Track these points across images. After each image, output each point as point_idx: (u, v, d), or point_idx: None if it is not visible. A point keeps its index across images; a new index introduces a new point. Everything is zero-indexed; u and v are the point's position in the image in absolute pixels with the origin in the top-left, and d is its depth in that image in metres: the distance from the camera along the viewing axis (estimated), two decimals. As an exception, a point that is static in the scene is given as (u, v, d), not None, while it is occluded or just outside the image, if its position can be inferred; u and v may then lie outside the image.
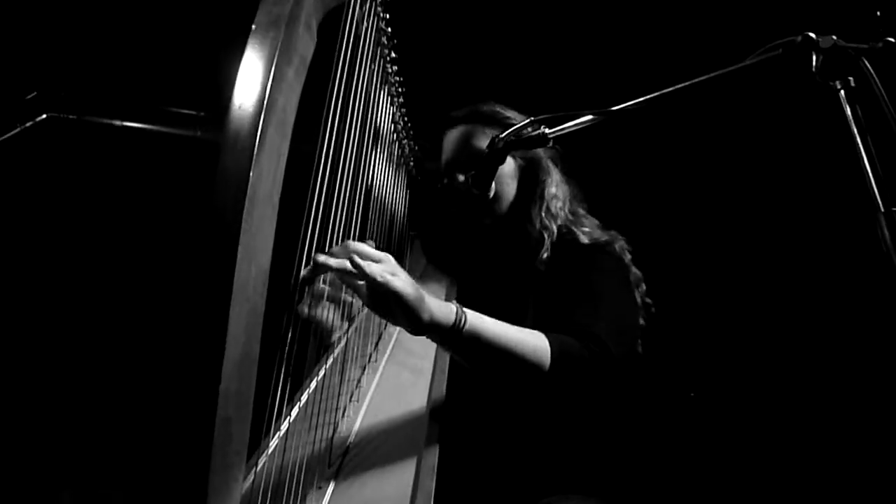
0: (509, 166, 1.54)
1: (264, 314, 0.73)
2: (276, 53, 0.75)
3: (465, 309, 1.05)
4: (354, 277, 0.94)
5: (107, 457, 2.45)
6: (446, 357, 1.24)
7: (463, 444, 1.23)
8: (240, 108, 0.72)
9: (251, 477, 0.93)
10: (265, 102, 0.72)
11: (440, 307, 1.01)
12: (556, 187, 1.56)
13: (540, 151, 1.57)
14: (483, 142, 1.50)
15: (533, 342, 1.11)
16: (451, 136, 1.61)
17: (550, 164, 1.59)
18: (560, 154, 1.62)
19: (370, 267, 0.91)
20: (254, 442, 0.80)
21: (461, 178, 1.53)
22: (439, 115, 1.72)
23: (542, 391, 1.18)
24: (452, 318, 1.01)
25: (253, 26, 0.77)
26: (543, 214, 1.51)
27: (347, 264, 0.91)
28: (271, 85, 0.73)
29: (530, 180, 1.56)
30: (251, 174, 0.69)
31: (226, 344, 0.64)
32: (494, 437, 1.29)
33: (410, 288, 0.95)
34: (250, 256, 0.68)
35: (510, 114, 1.59)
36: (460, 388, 1.24)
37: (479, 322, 1.06)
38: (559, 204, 1.54)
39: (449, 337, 1.03)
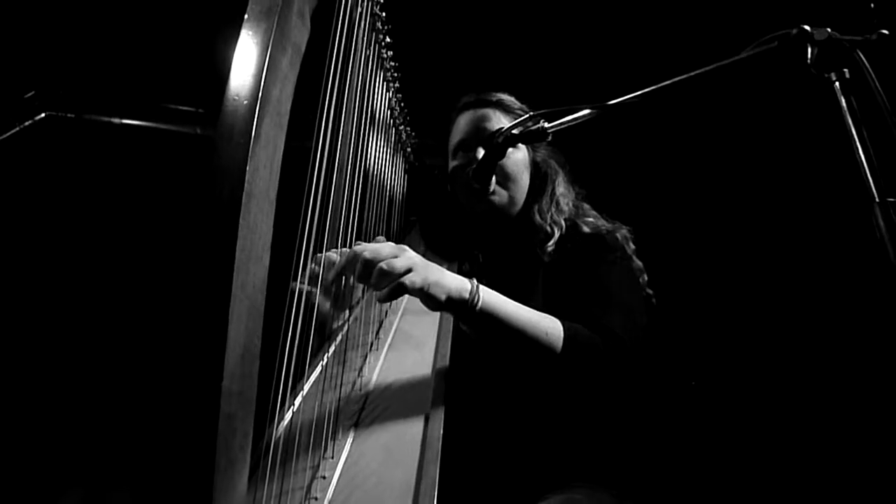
0: (523, 154, 1.58)
1: (265, 308, 0.73)
2: (270, 43, 0.74)
3: (481, 287, 1.09)
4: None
5: (113, 456, 2.46)
6: (448, 343, 1.25)
7: (467, 435, 1.24)
8: (234, 99, 0.72)
9: (257, 471, 0.94)
10: (260, 93, 0.71)
11: (456, 285, 1.06)
12: (564, 186, 1.60)
13: (549, 151, 1.62)
14: (497, 125, 1.53)
15: (546, 325, 1.15)
16: (465, 118, 1.62)
17: (558, 166, 1.63)
18: (565, 161, 1.67)
19: (393, 274, 0.99)
20: (257, 436, 0.80)
21: (480, 152, 1.52)
22: (440, 113, 1.73)
23: (551, 375, 1.20)
24: (466, 295, 1.07)
25: (245, 16, 0.77)
26: (554, 209, 1.54)
27: (372, 279, 1.00)
28: (266, 75, 0.72)
29: (540, 176, 1.61)
30: (248, 167, 0.69)
31: (227, 340, 0.64)
32: (498, 429, 1.30)
33: (430, 277, 1.02)
34: (249, 251, 0.68)
35: (521, 105, 1.63)
36: (464, 376, 1.25)
37: (494, 300, 1.10)
38: (566, 200, 1.58)
39: (463, 313, 1.08)
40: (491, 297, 1.10)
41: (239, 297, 0.67)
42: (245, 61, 0.74)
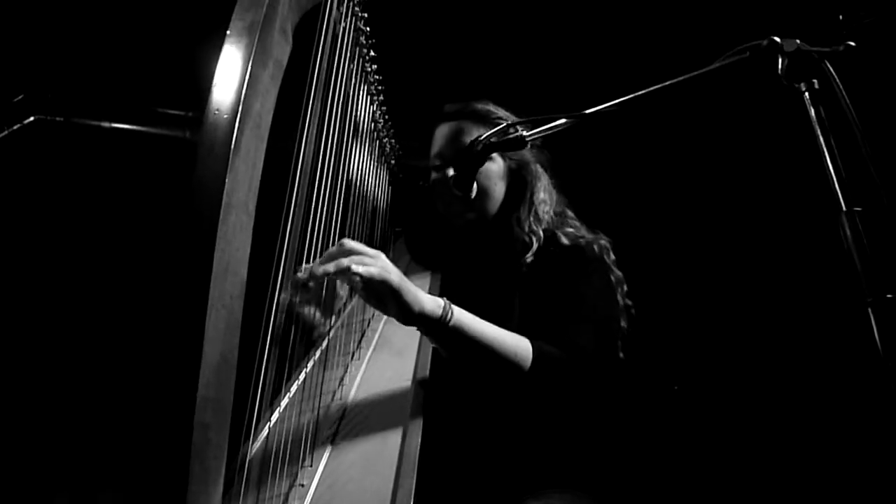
0: (498, 166, 1.55)
1: (245, 319, 0.74)
2: (251, 59, 0.76)
3: (453, 305, 1.12)
4: (351, 274, 1.00)
5: (98, 460, 2.45)
6: (429, 353, 1.27)
7: (445, 441, 1.25)
8: (215, 113, 0.73)
9: (234, 478, 0.94)
10: (240, 108, 0.73)
11: (430, 301, 1.09)
12: (544, 192, 1.58)
13: (528, 155, 1.58)
14: (471, 139, 1.51)
15: (514, 343, 1.18)
16: (443, 130, 1.61)
17: (540, 169, 1.60)
18: (549, 160, 1.64)
19: (368, 268, 1.00)
20: (234, 446, 0.81)
21: (451, 171, 1.53)
22: (424, 117, 1.73)
23: (521, 390, 1.23)
24: (440, 312, 1.09)
25: (228, 31, 0.78)
26: (532, 219, 1.53)
27: (344, 263, 0.99)
28: (246, 90, 0.74)
29: (519, 183, 1.58)
30: (227, 180, 0.70)
31: (203, 350, 0.65)
32: (476, 434, 1.31)
33: (405, 283, 1.04)
34: (226, 262, 0.69)
35: (502, 113, 1.60)
36: (443, 385, 1.26)
37: (465, 318, 1.13)
38: (546, 208, 1.56)
39: (435, 329, 1.10)
40: (462, 315, 1.13)
41: (216, 306, 0.69)
42: (226, 76, 0.76)
